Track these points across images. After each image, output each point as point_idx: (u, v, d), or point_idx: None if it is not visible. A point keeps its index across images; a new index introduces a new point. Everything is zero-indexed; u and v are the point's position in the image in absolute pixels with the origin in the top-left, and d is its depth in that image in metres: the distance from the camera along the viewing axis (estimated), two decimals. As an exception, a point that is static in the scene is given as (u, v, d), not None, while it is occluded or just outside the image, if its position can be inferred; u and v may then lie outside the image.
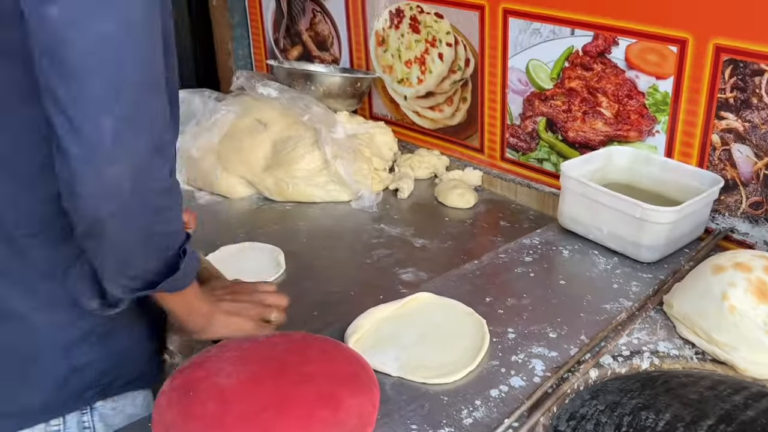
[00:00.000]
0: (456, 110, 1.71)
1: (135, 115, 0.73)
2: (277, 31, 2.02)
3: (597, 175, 1.37)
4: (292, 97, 1.66)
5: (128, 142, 0.73)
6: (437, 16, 1.65)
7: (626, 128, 1.39)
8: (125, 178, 0.74)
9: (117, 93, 0.71)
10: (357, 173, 1.62)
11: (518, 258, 1.24)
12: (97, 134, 0.71)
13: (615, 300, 1.11)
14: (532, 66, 1.50)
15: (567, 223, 1.31)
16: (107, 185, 0.73)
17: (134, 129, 0.73)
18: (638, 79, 1.34)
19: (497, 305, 1.10)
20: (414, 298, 1.10)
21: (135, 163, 0.74)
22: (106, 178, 0.73)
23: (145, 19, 0.72)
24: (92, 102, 0.70)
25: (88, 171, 0.72)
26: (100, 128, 0.71)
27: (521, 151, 1.60)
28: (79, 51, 0.68)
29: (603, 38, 1.36)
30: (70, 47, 0.68)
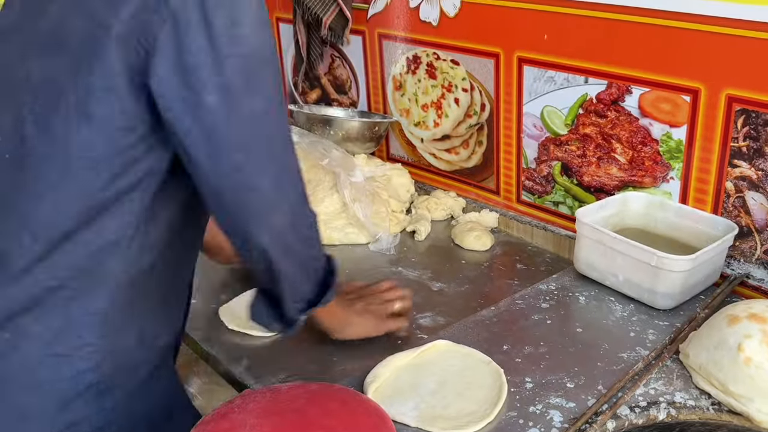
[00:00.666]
0: (472, 153, 1.75)
1: (284, 172, 0.90)
2: (296, 75, 2.07)
3: (612, 221, 1.39)
4: (312, 142, 1.70)
5: (284, 194, 0.91)
6: (453, 63, 1.69)
7: (641, 174, 1.42)
8: (286, 224, 0.92)
9: (270, 157, 0.87)
10: (375, 216, 1.64)
11: (535, 304, 1.26)
12: (262, 192, 0.88)
13: (632, 349, 1.12)
14: (547, 112, 1.53)
15: (583, 268, 1.33)
16: (274, 234, 0.91)
17: (286, 182, 0.91)
18: (652, 127, 1.37)
19: (515, 353, 1.11)
20: (432, 346, 1.12)
21: (291, 210, 0.92)
22: (273, 228, 0.90)
23: (277, 86, 0.87)
24: (254, 167, 0.86)
25: (258, 225, 0.90)
26: (263, 187, 0.87)
27: (537, 193, 1.63)
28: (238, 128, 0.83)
29: (616, 87, 1.39)
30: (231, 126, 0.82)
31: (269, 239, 0.91)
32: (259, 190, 0.87)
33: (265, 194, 0.88)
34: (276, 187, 0.89)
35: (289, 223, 0.92)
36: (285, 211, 0.91)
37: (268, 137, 0.87)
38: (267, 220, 0.90)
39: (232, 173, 0.85)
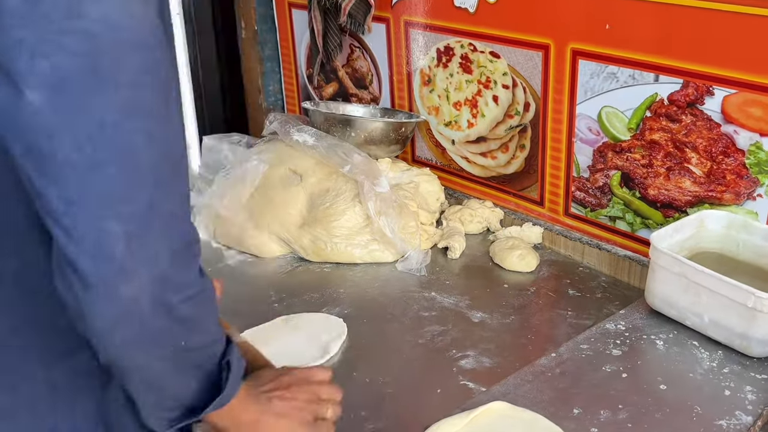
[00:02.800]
0: (512, 158, 1.53)
1: (151, 217, 0.60)
2: (311, 67, 1.86)
3: (688, 244, 1.19)
4: (330, 145, 1.49)
5: (146, 251, 0.60)
6: (492, 56, 1.47)
7: (720, 189, 1.20)
8: (144, 295, 0.60)
9: (125, 192, 0.58)
10: (403, 230, 1.44)
11: (604, 350, 1.05)
12: (104, 246, 0.58)
13: (731, 413, 0.92)
14: (606, 114, 1.32)
15: (657, 304, 1.12)
16: (122, 309, 0.60)
17: (153, 234, 0.60)
18: (737, 135, 1.16)
19: (588, 420, 0.91)
20: (488, 409, 0.92)
21: (156, 275, 0.61)
22: (119, 300, 0.59)
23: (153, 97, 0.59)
24: (94, 205, 0.57)
25: (97, 294, 0.59)
26: (107, 237, 0.58)
27: (589, 206, 1.42)
28: (72, 144, 0.55)
29: (694, 87, 1.18)
30: (60, 140, 0.55)
31: (112, 319, 0.60)
32: (101, 242, 0.57)
33: (111, 250, 0.58)
34: (132, 240, 0.58)
35: (151, 296, 0.60)
36: (144, 278, 0.60)
37: (123, 160, 0.57)
38: (111, 292, 0.59)
39: (61, 213, 0.57)
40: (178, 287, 0.63)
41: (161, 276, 0.61)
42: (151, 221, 0.60)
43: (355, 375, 1.12)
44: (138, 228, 0.59)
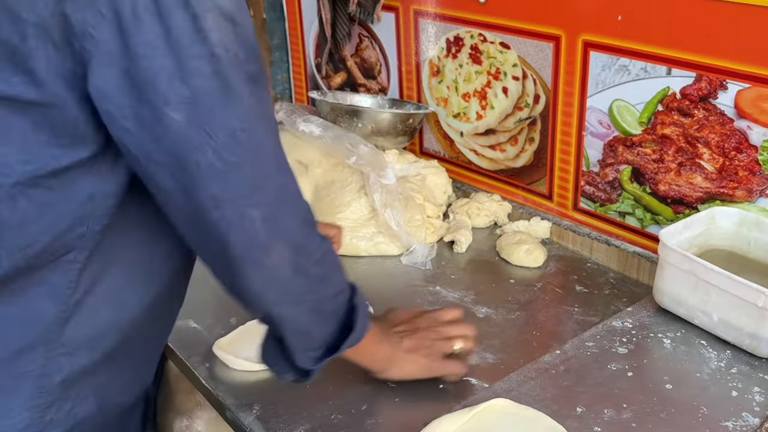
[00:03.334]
0: (521, 151, 1.51)
1: (280, 199, 0.72)
2: (319, 56, 1.84)
3: (698, 241, 1.16)
4: (337, 136, 1.48)
5: (281, 227, 0.73)
6: (503, 46, 1.45)
7: (732, 186, 1.18)
8: (285, 264, 0.74)
9: (257, 183, 0.70)
10: (409, 223, 1.42)
11: (610, 348, 1.03)
12: (250, 229, 0.70)
13: (737, 415, 0.90)
14: (617, 107, 1.29)
15: (666, 302, 1.10)
16: (269, 276, 0.73)
17: (283, 212, 0.73)
18: (750, 131, 1.13)
19: (592, 419, 0.89)
20: (489, 406, 0.90)
21: (291, 245, 0.74)
22: (266, 269, 0.73)
23: (262, 102, 0.70)
24: (235, 198, 0.68)
25: (248, 268, 0.72)
26: (251, 222, 0.70)
27: (599, 201, 1.39)
28: (213, 153, 0.66)
29: (707, 81, 1.15)
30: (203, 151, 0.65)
31: (263, 284, 0.74)
32: (245, 226, 0.70)
33: (255, 231, 0.70)
34: (268, 220, 0.71)
35: (289, 263, 0.74)
36: (282, 249, 0.73)
37: (254, 158, 0.69)
38: (259, 263, 0.72)
39: (209, 208, 0.68)
40: (309, 252, 0.76)
41: (295, 245, 0.74)
42: (280, 202, 0.72)
43: (355, 369, 1.10)
44: (272, 210, 0.71)
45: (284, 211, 0.73)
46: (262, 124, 0.69)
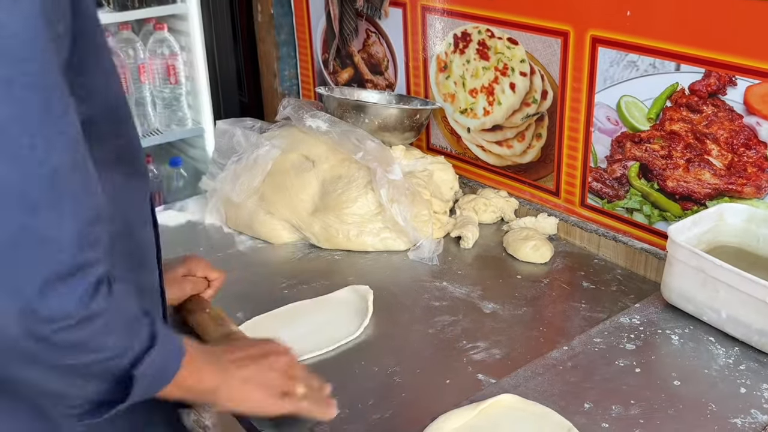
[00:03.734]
0: (528, 147, 1.51)
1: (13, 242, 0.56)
2: (326, 52, 1.84)
3: (706, 238, 1.16)
4: (344, 131, 1.48)
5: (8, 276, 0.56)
6: (511, 42, 1.45)
7: (741, 182, 1.18)
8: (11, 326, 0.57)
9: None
10: (415, 219, 1.42)
11: (617, 344, 1.03)
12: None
13: (746, 411, 0.90)
14: (625, 103, 1.29)
15: (674, 299, 1.10)
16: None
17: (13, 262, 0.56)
18: (760, 127, 1.12)
19: (599, 415, 0.89)
20: (496, 401, 0.90)
21: (20, 307, 0.57)
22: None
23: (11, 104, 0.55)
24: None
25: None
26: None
27: (606, 198, 1.39)
28: None
29: (716, 76, 1.15)
30: None
31: None
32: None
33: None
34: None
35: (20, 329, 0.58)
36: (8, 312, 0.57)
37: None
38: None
39: None
40: (50, 319, 0.59)
41: (27, 306, 0.57)
42: (15, 245, 0.56)
43: (363, 363, 1.10)
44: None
45: (21, 259, 0.57)
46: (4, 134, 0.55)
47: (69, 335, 0.60)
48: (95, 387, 0.66)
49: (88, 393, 0.66)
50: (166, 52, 2.31)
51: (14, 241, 0.56)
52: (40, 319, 0.58)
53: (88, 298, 0.61)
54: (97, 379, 0.66)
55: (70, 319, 0.60)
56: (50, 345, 0.60)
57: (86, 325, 0.61)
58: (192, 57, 2.34)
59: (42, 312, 0.58)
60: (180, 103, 2.41)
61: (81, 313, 0.60)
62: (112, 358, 0.65)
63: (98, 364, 0.65)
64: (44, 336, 0.59)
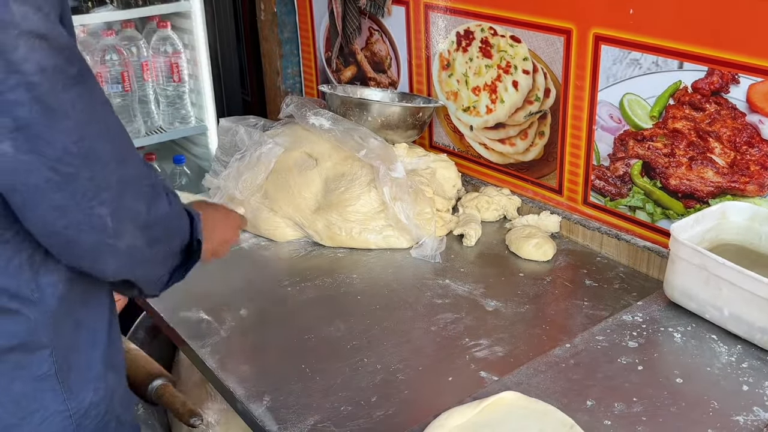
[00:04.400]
0: (531, 145, 1.51)
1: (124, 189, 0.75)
2: (329, 50, 1.84)
3: (709, 236, 1.16)
4: (347, 129, 1.48)
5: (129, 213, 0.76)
6: (513, 40, 1.45)
7: (743, 180, 1.18)
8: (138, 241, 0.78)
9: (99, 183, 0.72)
10: (418, 217, 1.43)
11: (620, 342, 1.03)
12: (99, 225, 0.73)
13: (748, 409, 0.90)
14: (628, 101, 1.29)
15: (676, 297, 1.10)
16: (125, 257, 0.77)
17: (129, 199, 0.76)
18: (763, 125, 1.12)
19: (602, 412, 0.89)
20: (498, 399, 0.90)
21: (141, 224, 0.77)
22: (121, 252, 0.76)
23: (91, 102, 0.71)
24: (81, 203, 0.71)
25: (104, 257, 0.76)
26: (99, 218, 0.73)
27: (609, 196, 1.39)
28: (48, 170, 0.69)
29: (719, 75, 1.15)
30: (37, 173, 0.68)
31: (126, 267, 0.79)
32: (94, 224, 0.73)
33: (104, 225, 0.73)
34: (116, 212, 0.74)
35: (143, 239, 0.78)
36: (133, 230, 0.77)
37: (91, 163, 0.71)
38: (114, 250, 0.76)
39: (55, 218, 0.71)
40: (156, 222, 0.80)
41: (145, 223, 0.78)
42: (125, 191, 0.75)
43: (366, 361, 1.11)
44: (118, 202, 0.74)
45: (130, 197, 0.75)
46: (93, 128, 0.71)
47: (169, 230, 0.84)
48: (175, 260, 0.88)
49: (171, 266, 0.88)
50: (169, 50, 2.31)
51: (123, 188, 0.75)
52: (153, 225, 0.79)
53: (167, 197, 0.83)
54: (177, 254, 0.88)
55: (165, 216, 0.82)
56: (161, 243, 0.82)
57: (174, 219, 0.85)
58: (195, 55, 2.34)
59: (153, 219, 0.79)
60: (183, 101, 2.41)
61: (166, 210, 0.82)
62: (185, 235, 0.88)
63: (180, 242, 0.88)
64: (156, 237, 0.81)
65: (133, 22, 2.30)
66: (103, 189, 0.72)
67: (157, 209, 0.80)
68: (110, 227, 0.74)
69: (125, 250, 0.77)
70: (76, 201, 0.71)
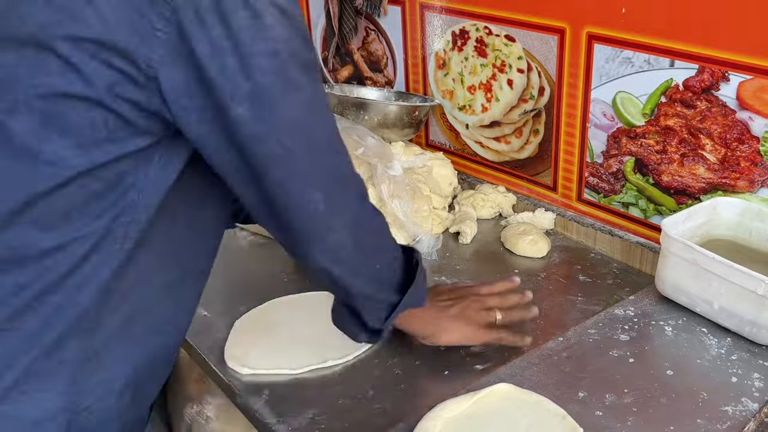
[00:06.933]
0: (526, 143, 1.53)
1: (337, 178, 0.78)
2: (326, 50, 1.86)
3: (700, 231, 1.18)
4: (344, 128, 1.49)
5: (340, 205, 0.78)
6: (508, 39, 1.46)
7: (734, 176, 1.19)
8: (346, 239, 0.80)
9: (316, 166, 0.75)
10: (415, 214, 1.44)
11: (612, 335, 1.05)
12: (313, 210, 0.75)
13: (737, 400, 0.92)
14: (621, 99, 1.31)
15: (668, 291, 1.12)
16: (333, 252, 0.80)
17: (341, 190, 0.78)
18: (752, 122, 1.14)
19: (593, 403, 0.91)
20: (492, 391, 0.92)
21: (350, 221, 0.80)
22: (330, 245, 0.79)
23: (317, 88, 0.74)
24: (298, 182, 0.73)
25: (313, 246, 0.78)
26: (314, 203, 0.75)
27: (603, 192, 1.41)
28: (276, 143, 0.70)
29: (710, 72, 1.16)
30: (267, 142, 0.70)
31: (329, 260, 0.81)
32: (309, 208, 0.76)
33: (317, 211, 0.76)
34: (329, 199, 0.77)
35: (350, 238, 0.81)
36: (343, 226, 0.80)
37: (312, 144, 0.74)
38: (323, 241, 0.79)
39: (276, 193, 0.74)
40: (366, 224, 0.83)
41: (354, 220, 0.80)
42: (338, 181, 0.77)
43: (363, 356, 1.12)
44: (331, 189, 0.76)
45: (342, 188, 0.78)
46: (318, 110, 0.74)
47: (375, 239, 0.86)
48: (390, 289, 0.90)
49: (388, 295, 0.90)
50: (167, 50, 2.33)
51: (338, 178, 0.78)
52: (363, 226, 0.82)
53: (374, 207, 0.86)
54: (390, 280, 0.91)
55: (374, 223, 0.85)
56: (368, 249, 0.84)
57: (381, 230, 0.87)
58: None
59: (362, 218, 0.82)
60: (182, 101, 2.43)
61: (377, 218, 0.86)
62: (396, 257, 0.91)
63: (390, 264, 0.90)
64: (364, 241, 0.82)
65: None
66: (320, 171, 0.75)
67: (366, 211, 0.83)
68: (323, 214, 0.76)
69: (334, 245, 0.79)
70: (295, 179, 0.73)
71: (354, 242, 0.81)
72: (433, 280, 1.34)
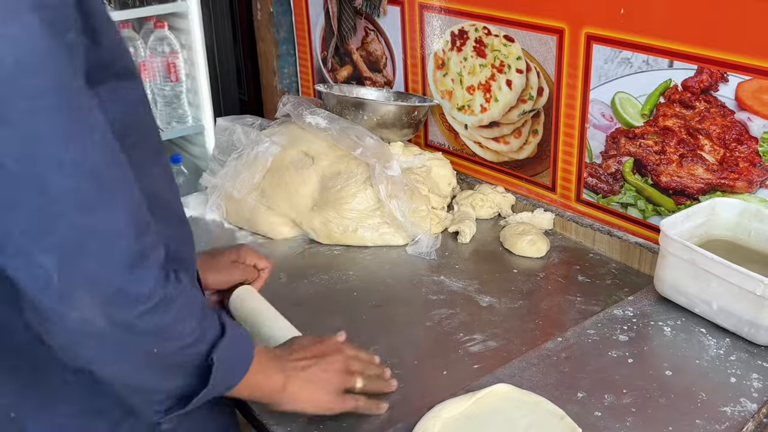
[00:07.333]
0: (525, 143, 1.53)
1: (82, 242, 0.59)
2: (325, 50, 1.86)
3: (699, 232, 1.18)
4: (343, 128, 1.50)
5: (83, 275, 0.60)
6: (507, 39, 1.46)
7: (733, 177, 1.20)
8: (96, 317, 0.61)
9: (44, 225, 0.57)
10: (414, 214, 1.44)
11: (611, 336, 1.05)
12: (39, 278, 0.58)
13: (735, 400, 0.92)
14: (619, 99, 1.31)
15: (667, 291, 1.12)
16: (77, 332, 0.62)
17: (87, 258, 0.60)
18: (751, 122, 1.14)
19: (592, 404, 0.91)
20: (491, 392, 0.92)
21: (99, 295, 0.61)
22: (72, 324, 0.61)
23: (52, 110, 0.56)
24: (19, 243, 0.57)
25: (51, 322, 0.61)
26: (39, 270, 0.58)
27: (601, 193, 1.41)
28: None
29: (708, 73, 1.17)
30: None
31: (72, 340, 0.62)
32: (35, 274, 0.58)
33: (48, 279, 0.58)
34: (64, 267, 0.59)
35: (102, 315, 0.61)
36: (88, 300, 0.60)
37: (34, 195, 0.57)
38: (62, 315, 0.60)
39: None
40: (132, 303, 0.62)
41: (107, 296, 0.61)
42: (81, 245, 0.59)
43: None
44: (67, 255, 0.59)
45: (89, 254, 0.59)
46: (47, 149, 0.56)
47: (151, 319, 0.63)
48: (176, 380, 0.70)
49: (171, 386, 0.70)
50: (166, 50, 2.33)
51: (81, 240, 0.59)
52: (122, 303, 0.61)
53: (162, 280, 0.64)
54: (178, 369, 0.69)
55: (148, 301, 0.63)
56: (136, 332, 0.63)
57: (165, 309, 0.64)
58: (192, 55, 2.36)
59: (123, 296, 0.61)
60: (180, 101, 2.43)
61: (158, 294, 0.63)
62: (192, 344, 0.69)
63: (180, 352, 0.68)
64: (129, 322, 0.62)
65: (130, 23, 2.32)
66: (50, 232, 0.57)
67: (135, 285, 0.62)
68: (56, 284, 0.58)
69: (77, 323, 0.61)
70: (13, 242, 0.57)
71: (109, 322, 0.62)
72: (433, 280, 1.34)
